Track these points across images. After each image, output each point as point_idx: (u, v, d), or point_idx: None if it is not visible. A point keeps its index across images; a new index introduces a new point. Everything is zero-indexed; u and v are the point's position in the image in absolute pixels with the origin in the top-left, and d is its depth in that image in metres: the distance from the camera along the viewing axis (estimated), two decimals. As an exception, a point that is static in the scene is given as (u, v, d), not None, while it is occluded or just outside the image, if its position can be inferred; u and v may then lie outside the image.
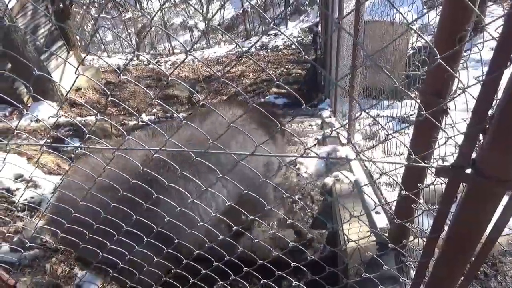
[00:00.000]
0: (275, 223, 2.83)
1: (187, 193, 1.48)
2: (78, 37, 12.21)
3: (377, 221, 2.05)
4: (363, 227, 1.66)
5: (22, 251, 2.05)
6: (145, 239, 1.57)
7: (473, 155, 0.90)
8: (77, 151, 1.32)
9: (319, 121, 5.53)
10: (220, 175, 1.26)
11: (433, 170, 0.94)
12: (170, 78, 1.06)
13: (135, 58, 15.07)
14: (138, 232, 1.57)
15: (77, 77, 1.10)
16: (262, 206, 1.33)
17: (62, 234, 1.67)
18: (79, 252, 1.83)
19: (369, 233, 1.71)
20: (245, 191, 1.30)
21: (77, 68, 1.06)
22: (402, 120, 4.27)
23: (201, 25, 17.33)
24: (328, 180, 2.97)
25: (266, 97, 8.56)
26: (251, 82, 10.15)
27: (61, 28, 9.87)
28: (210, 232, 1.55)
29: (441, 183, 1.07)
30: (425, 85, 1.23)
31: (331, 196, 2.76)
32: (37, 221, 2.80)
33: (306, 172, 3.52)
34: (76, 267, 2.47)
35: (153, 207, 1.48)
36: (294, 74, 10.23)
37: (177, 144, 1.25)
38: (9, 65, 7.52)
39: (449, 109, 1.17)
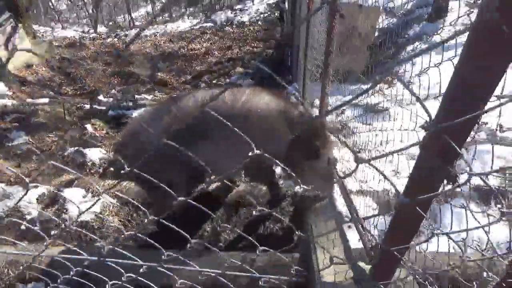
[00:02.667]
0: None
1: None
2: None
3: (351, 238, 1.94)
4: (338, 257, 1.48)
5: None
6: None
7: None
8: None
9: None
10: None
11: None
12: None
13: (92, 31, 14.18)
14: None
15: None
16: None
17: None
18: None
19: (346, 268, 1.58)
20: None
21: None
22: (369, 109, 4.21)
23: (164, -3, 16.52)
24: (299, 189, 2.88)
25: (231, 78, 8.28)
26: (216, 61, 9.80)
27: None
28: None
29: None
30: (429, 140, 0.88)
31: (300, 206, 2.58)
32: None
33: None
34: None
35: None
36: (260, 53, 9.97)
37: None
38: None
39: (458, 177, 0.90)
